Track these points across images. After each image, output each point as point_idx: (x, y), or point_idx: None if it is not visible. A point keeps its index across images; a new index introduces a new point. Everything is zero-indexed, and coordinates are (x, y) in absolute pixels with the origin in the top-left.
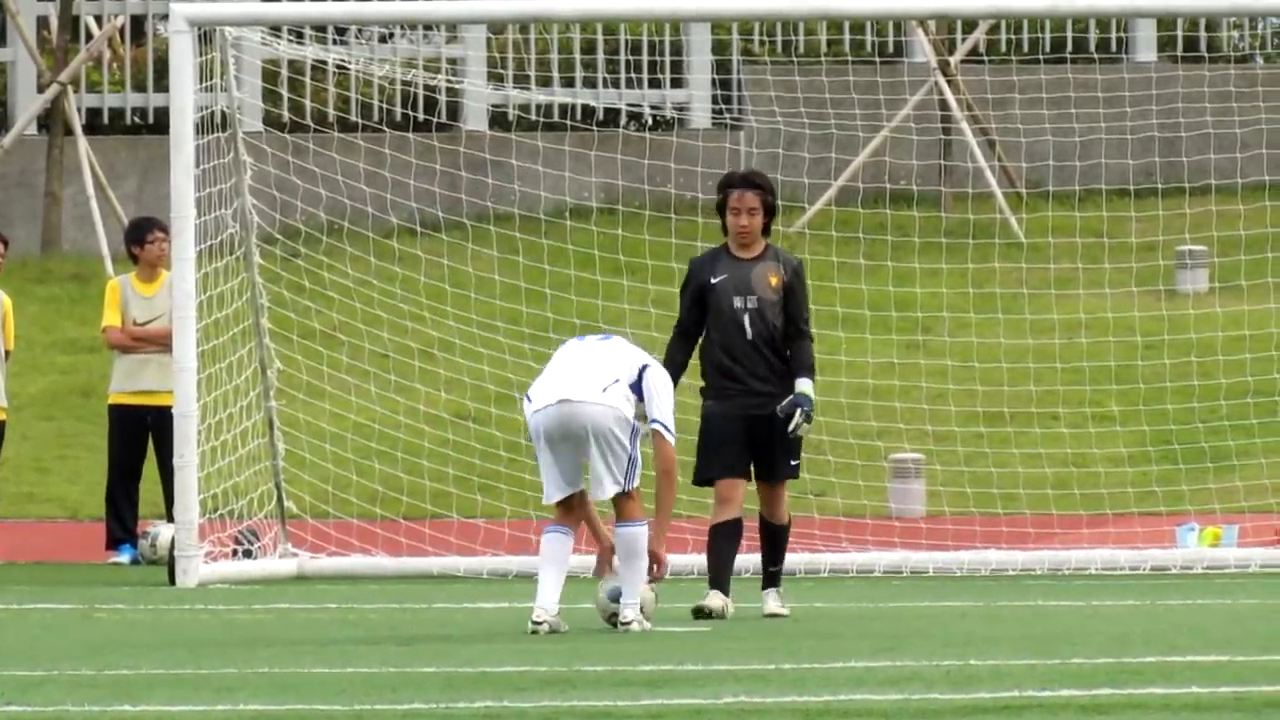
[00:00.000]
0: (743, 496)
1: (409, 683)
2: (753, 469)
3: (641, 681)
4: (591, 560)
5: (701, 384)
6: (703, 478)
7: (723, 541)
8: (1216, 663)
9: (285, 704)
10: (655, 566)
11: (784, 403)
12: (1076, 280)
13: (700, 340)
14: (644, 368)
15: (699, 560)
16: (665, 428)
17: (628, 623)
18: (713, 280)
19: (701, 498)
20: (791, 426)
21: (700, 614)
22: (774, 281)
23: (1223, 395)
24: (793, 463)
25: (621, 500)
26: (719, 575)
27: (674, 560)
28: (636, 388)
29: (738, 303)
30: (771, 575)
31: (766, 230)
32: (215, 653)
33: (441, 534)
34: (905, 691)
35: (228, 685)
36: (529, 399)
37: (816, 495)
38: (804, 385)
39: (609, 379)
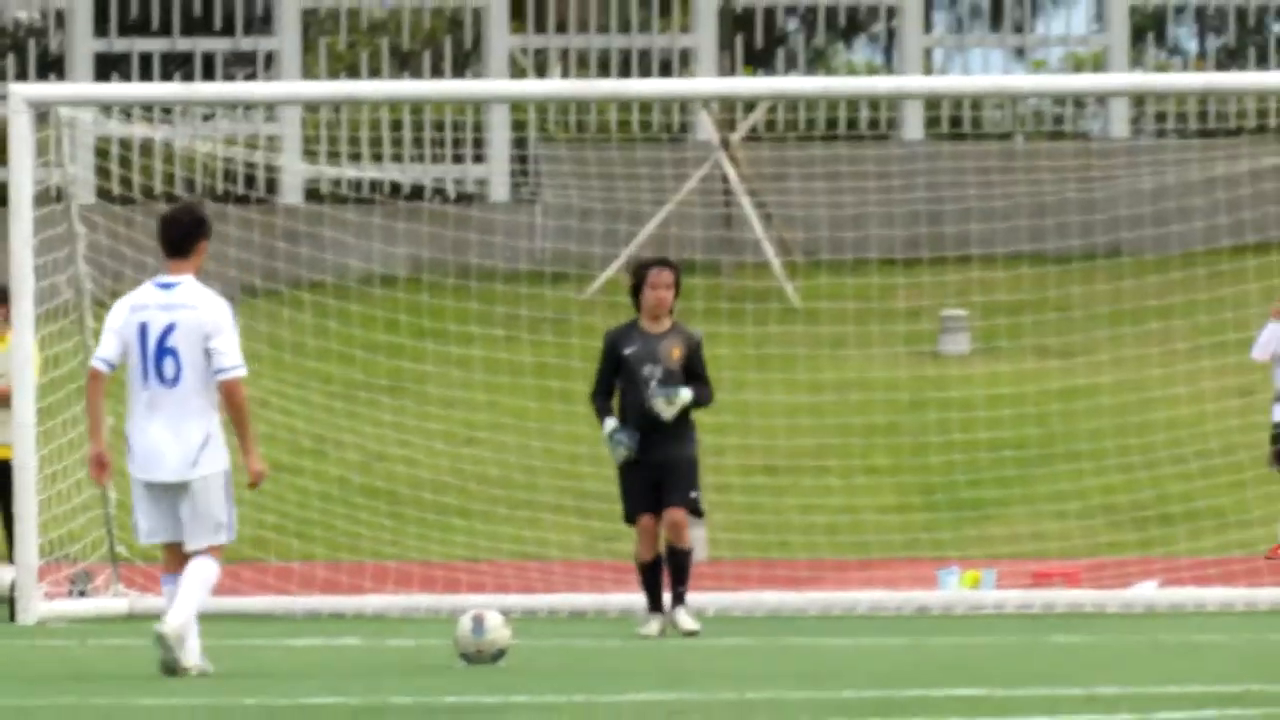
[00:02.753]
0: (656, 533)
1: (230, 714)
2: (660, 495)
3: (446, 711)
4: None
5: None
6: (628, 518)
7: (651, 571)
8: (975, 696)
9: None
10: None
11: (661, 386)
12: (848, 342)
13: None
14: (212, 360)
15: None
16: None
17: (164, 632)
18: (625, 351)
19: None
20: (653, 394)
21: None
22: (676, 354)
23: (982, 449)
24: (693, 494)
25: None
26: (654, 598)
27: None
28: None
29: (645, 370)
30: (679, 594)
31: (676, 297)
32: (52, 686)
33: (260, 575)
34: None
35: (64, 717)
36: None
37: (607, 541)
38: (685, 389)
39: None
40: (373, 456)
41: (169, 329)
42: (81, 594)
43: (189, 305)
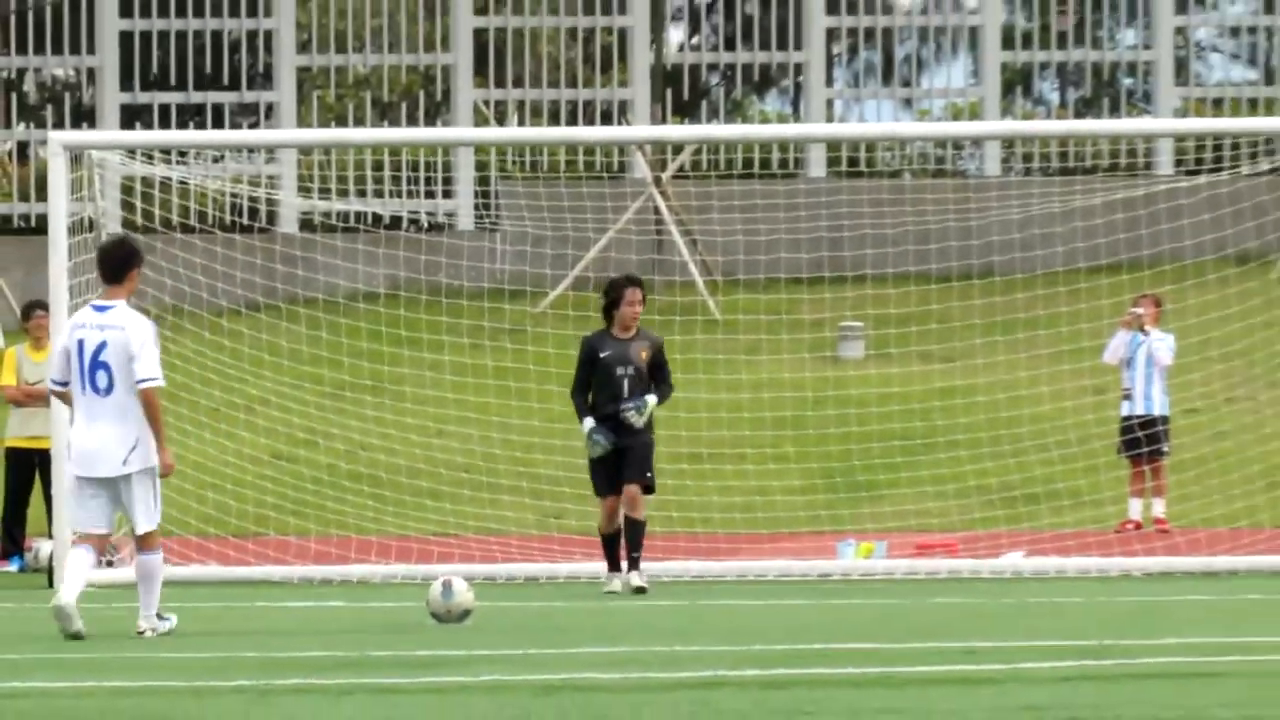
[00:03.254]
0: (618, 509)
1: (234, 664)
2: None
3: (419, 663)
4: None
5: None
6: (597, 492)
7: (612, 541)
8: (869, 649)
9: (140, 681)
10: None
11: (631, 398)
12: (760, 349)
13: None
14: (133, 372)
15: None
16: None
17: (141, 632)
18: (601, 354)
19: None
20: (624, 407)
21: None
22: (644, 355)
23: (874, 440)
24: (648, 474)
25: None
26: (614, 561)
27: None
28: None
29: (619, 370)
30: (634, 559)
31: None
32: (85, 642)
33: (261, 548)
34: (625, 671)
35: (95, 666)
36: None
37: (556, 518)
38: (650, 397)
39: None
40: (357, 446)
41: (101, 346)
42: (109, 564)
43: (119, 326)
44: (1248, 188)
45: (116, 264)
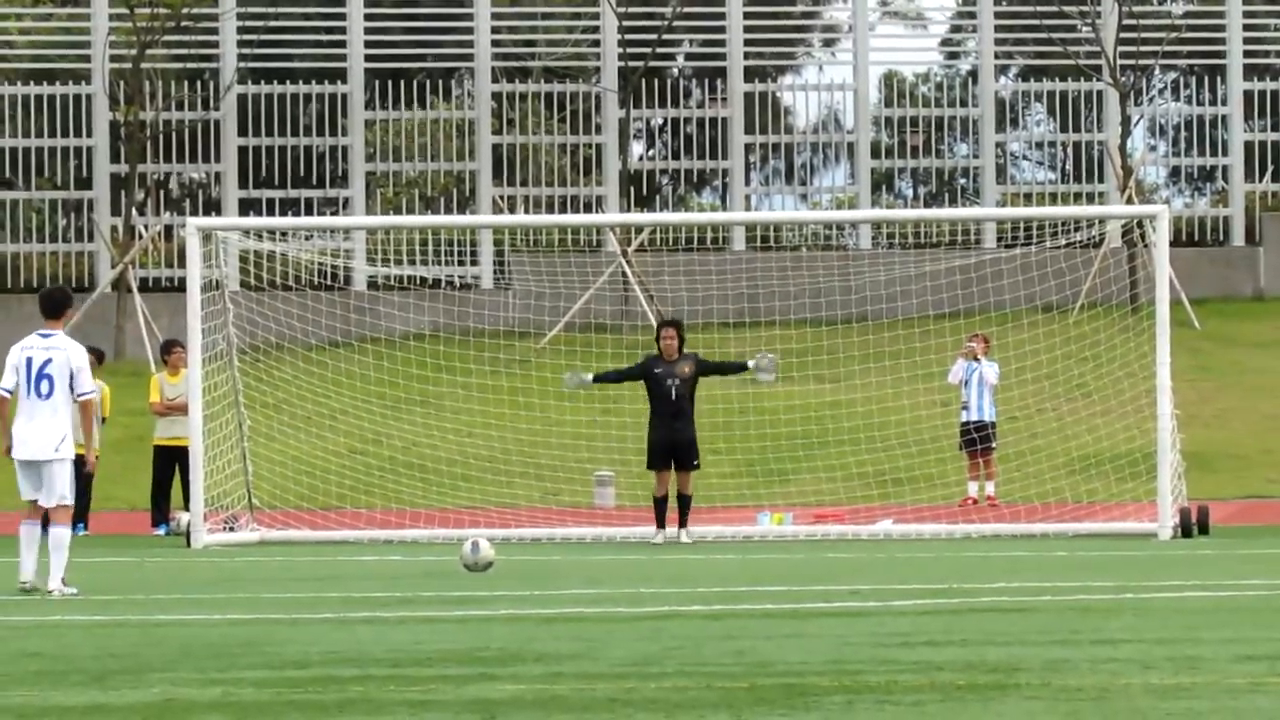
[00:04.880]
0: (668, 480)
1: (321, 602)
2: (673, 464)
3: (455, 601)
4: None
5: (649, 425)
6: (650, 466)
7: (661, 504)
8: (780, 590)
9: (251, 614)
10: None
11: (760, 362)
12: None
13: (648, 414)
14: (75, 386)
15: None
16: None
17: (50, 592)
18: (655, 370)
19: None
20: (767, 373)
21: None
22: (686, 371)
23: (783, 439)
24: (695, 462)
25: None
26: (661, 520)
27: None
28: (72, 388)
29: (668, 382)
30: (683, 520)
31: (683, 342)
32: (214, 586)
33: (341, 518)
34: (602, 606)
35: (221, 605)
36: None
37: (554, 495)
38: (753, 360)
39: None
40: (410, 444)
41: (47, 361)
42: (230, 529)
43: (61, 348)
44: (1050, 257)
45: (55, 305)
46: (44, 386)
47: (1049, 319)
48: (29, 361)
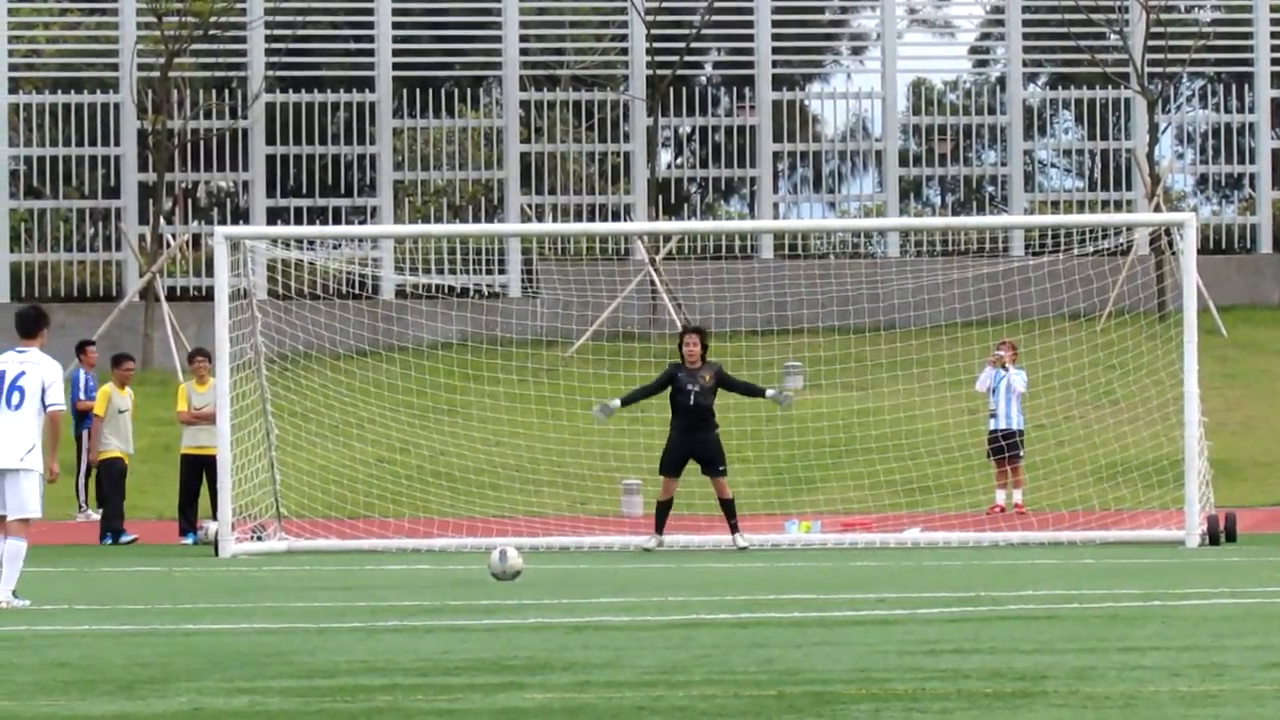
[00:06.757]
0: (675, 487)
1: (349, 610)
2: (701, 468)
3: (483, 610)
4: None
5: (670, 431)
6: (661, 470)
7: (663, 509)
8: (808, 598)
9: (279, 624)
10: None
11: (779, 394)
12: None
13: (671, 418)
14: (46, 399)
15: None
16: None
17: (1, 603)
18: (678, 376)
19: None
20: (786, 400)
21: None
22: (708, 379)
23: (810, 447)
24: (721, 467)
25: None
26: (660, 524)
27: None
28: (43, 401)
29: (690, 387)
30: (733, 525)
31: (706, 350)
32: (241, 595)
33: (369, 526)
34: (630, 615)
35: (248, 614)
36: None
37: (582, 504)
38: (772, 389)
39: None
40: (438, 452)
41: (20, 374)
42: (258, 538)
43: (35, 363)
44: (1078, 265)
45: (30, 324)
46: (14, 398)
47: (1076, 326)
48: (1, 375)
